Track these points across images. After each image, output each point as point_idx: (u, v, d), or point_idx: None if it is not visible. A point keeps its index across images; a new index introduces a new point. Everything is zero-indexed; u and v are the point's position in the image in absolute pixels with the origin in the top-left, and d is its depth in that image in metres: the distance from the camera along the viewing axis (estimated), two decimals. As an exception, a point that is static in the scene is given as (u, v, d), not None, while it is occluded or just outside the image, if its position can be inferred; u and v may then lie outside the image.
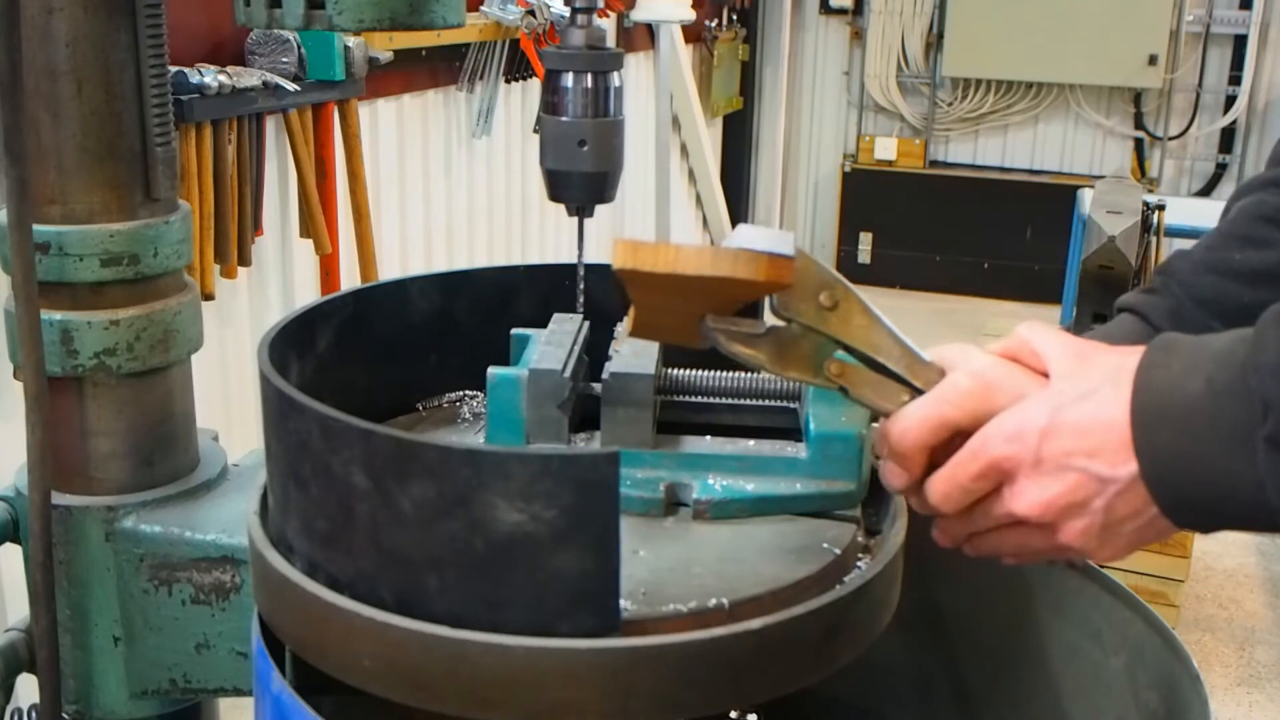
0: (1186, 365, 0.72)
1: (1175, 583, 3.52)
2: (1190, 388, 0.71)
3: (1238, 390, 0.69)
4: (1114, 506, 0.76)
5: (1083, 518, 0.77)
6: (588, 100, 1.03)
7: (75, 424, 1.20)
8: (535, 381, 0.98)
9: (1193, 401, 0.70)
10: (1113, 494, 0.75)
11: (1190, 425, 0.70)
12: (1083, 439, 0.75)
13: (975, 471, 0.81)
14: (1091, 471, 0.75)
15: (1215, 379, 0.70)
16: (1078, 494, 0.76)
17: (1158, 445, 0.72)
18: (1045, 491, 0.77)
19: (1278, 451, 0.67)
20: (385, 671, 0.82)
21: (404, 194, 4.01)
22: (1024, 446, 0.78)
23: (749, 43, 7.42)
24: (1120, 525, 0.77)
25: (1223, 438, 0.69)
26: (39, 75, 1.11)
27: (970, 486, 0.82)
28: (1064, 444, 0.76)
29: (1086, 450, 0.75)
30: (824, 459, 0.98)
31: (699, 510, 0.97)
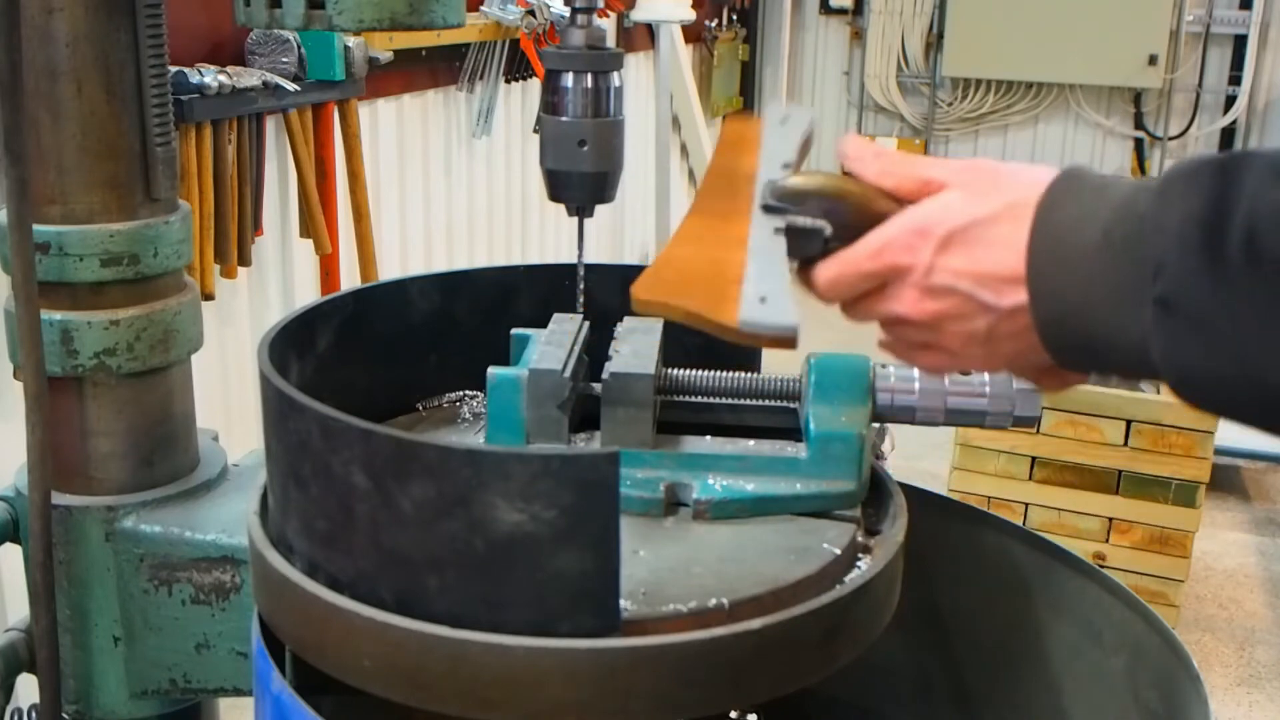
0: (1085, 211, 0.72)
1: (1175, 583, 3.52)
2: (1087, 236, 0.71)
3: (1133, 246, 0.69)
4: (996, 329, 0.78)
5: (963, 330, 0.79)
6: (588, 100, 1.03)
7: (75, 424, 1.20)
8: (535, 381, 0.98)
9: (1088, 251, 0.71)
10: (995, 319, 0.77)
11: (1082, 275, 0.71)
12: (976, 263, 0.77)
13: (868, 270, 0.81)
14: (978, 298, 0.77)
15: (1112, 232, 0.70)
16: (962, 310, 0.78)
17: (1050, 290, 0.73)
18: (931, 303, 0.79)
19: (1165, 313, 0.67)
20: (385, 671, 0.82)
21: (404, 194, 4.00)
22: (919, 255, 0.79)
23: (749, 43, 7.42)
24: (1000, 344, 0.78)
25: (1112, 292, 0.70)
26: (39, 75, 1.11)
27: (858, 284, 0.82)
28: (956, 263, 0.78)
29: (976, 275, 0.77)
30: (824, 459, 0.98)
31: (699, 510, 0.97)
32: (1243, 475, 4.71)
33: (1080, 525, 3.54)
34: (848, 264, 0.82)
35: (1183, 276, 0.66)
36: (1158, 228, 0.68)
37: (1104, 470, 3.48)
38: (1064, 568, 1.15)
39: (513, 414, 0.98)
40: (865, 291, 0.82)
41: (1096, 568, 1.14)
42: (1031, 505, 3.56)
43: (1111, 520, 3.53)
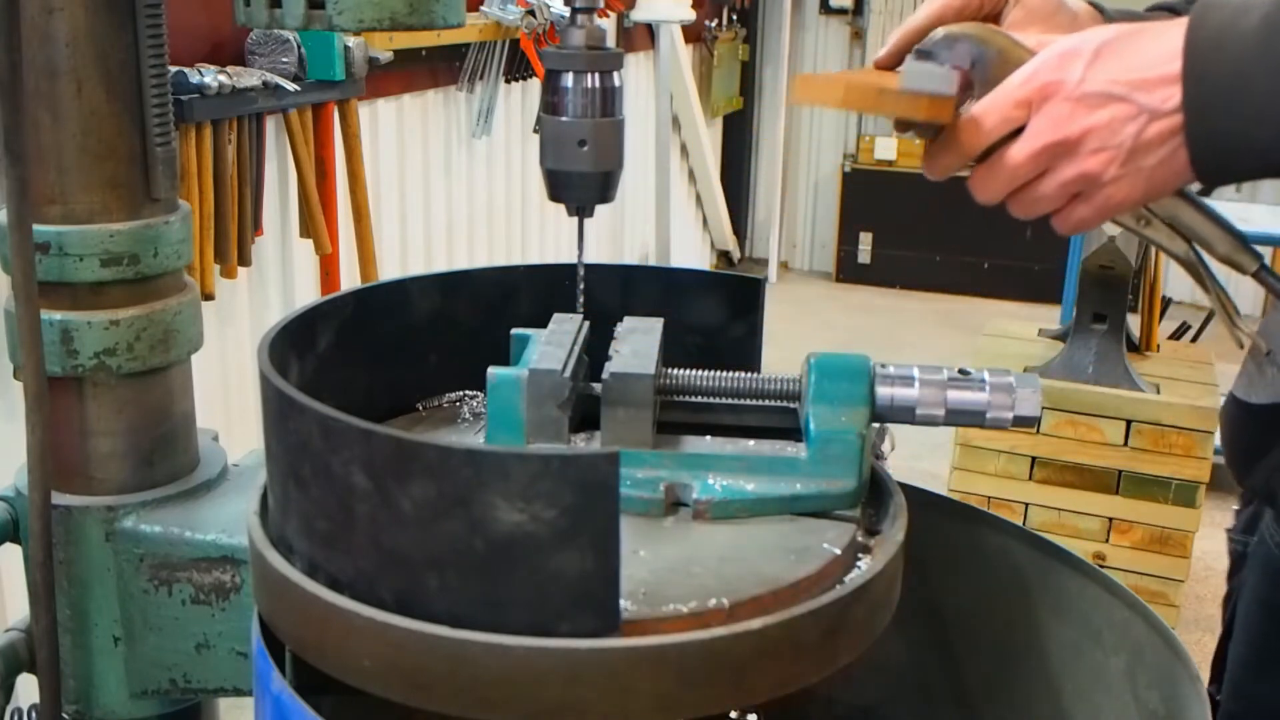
0: (1241, 6, 0.74)
1: (1175, 583, 3.52)
2: (1245, 23, 0.73)
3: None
4: (1143, 136, 0.77)
5: (1110, 145, 0.79)
6: (588, 100, 1.03)
7: (75, 424, 1.20)
8: (535, 381, 0.98)
9: (1247, 34, 0.73)
10: (1144, 123, 0.77)
11: (1242, 56, 0.72)
12: (1129, 69, 0.77)
13: (1019, 96, 0.81)
14: (1132, 99, 0.77)
15: (1271, 14, 0.72)
16: (1114, 118, 0.78)
17: (1207, 75, 0.74)
18: (1084, 115, 0.78)
19: None
20: (385, 671, 0.82)
21: (404, 194, 4.01)
22: (1070, 71, 0.79)
23: (749, 43, 7.42)
24: (1144, 157, 0.78)
25: (1272, 66, 0.71)
26: (39, 75, 1.11)
27: (1011, 114, 0.81)
28: (1111, 70, 0.78)
29: (1130, 80, 0.77)
30: (824, 459, 0.98)
31: (699, 510, 0.97)
32: (1243, 475, 4.71)
33: (1080, 525, 3.54)
34: (999, 93, 0.82)
35: None
36: None
37: (1104, 470, 3.48)
38: (1064, 568, 1.15)
39: (513, 414, 0.98)
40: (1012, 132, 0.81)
41: (1096, 568, 1.14)
42: (1031, 505, 3.56)
43: (1111, 520, 3.53)
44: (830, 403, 0.98)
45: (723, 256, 7.43)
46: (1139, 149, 0.78)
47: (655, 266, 1.27)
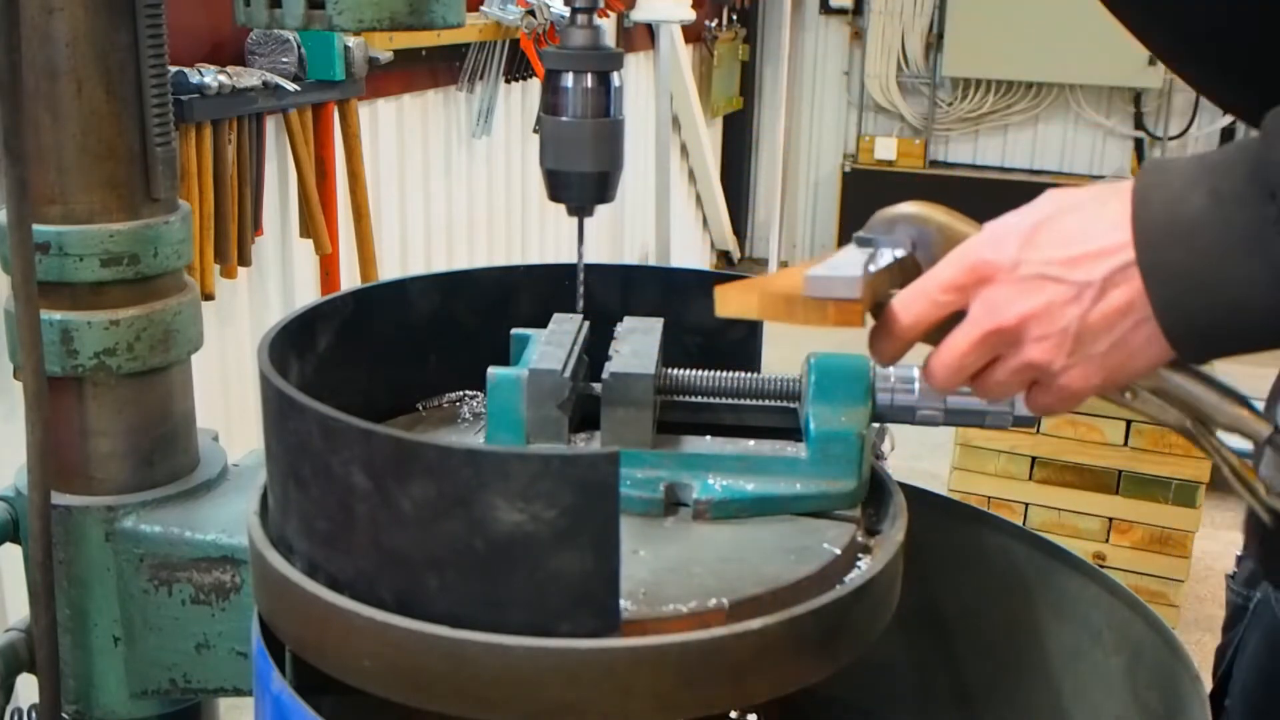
0: (1186, 181, 0.70)
1: (1175, 583, 3.52)
2: (1193, 201, 0.69)
3: (1244, 195, 0.67)
4: (1088, 318, 0.73)
5: (1051, 333, 0.74)
6: (588, 100, 1.03)
7: (75, 424, 1.20)
8: (535, 381, 0.98)
9: (1198, 214, 0.68)
10: (1088, 304, 0.72)
11: (1199, 240, 0.68)
12: (1068, 246, 0.73)
13: (949, 280, 0.76)
14: (1070, 279, 0.72)
15: (1219, 189, 0.68)
16: (1051, 303, 0.73)
17: (1168, 264, 0.69)
18: (1021, 301, 0.74)
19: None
20: (385, 671, 0.82)
21: (404, 194, 4.01)
22: (1004, 252, 0.75)
23: (749, 43, 7.42)
24: (1093, 343, 0.73)
25: (1234, 245, 0.67)
26: (39, 75, 1.11)
27: (940, 298, 0.77)
28: (1046, 251, 0.74)
29: (1068, 259, 0.73)
30: (824, 459, 0.98)
31: (699, 510, 0.97)
32: (1243, 475, 4.71)
33: (1080, 525, 3.54)
34: (926, 278, 0.78)
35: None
36: (1269, 163, 0.67)
37: (1104, 470, 3.48)
38: (1064, 568, 1.15)
39: (513, 414, 0.98)
40: (947, 319, 0.78)
41: (1096, 568, 1.14)
42: (1031, 505, 3.56)
43: (1111, 520, 3.53)
44: (830, 403, 0.98)
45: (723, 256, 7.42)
46: (1085, 334, 0.73)
47: (655, 266, 1.27)
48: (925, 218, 0.82)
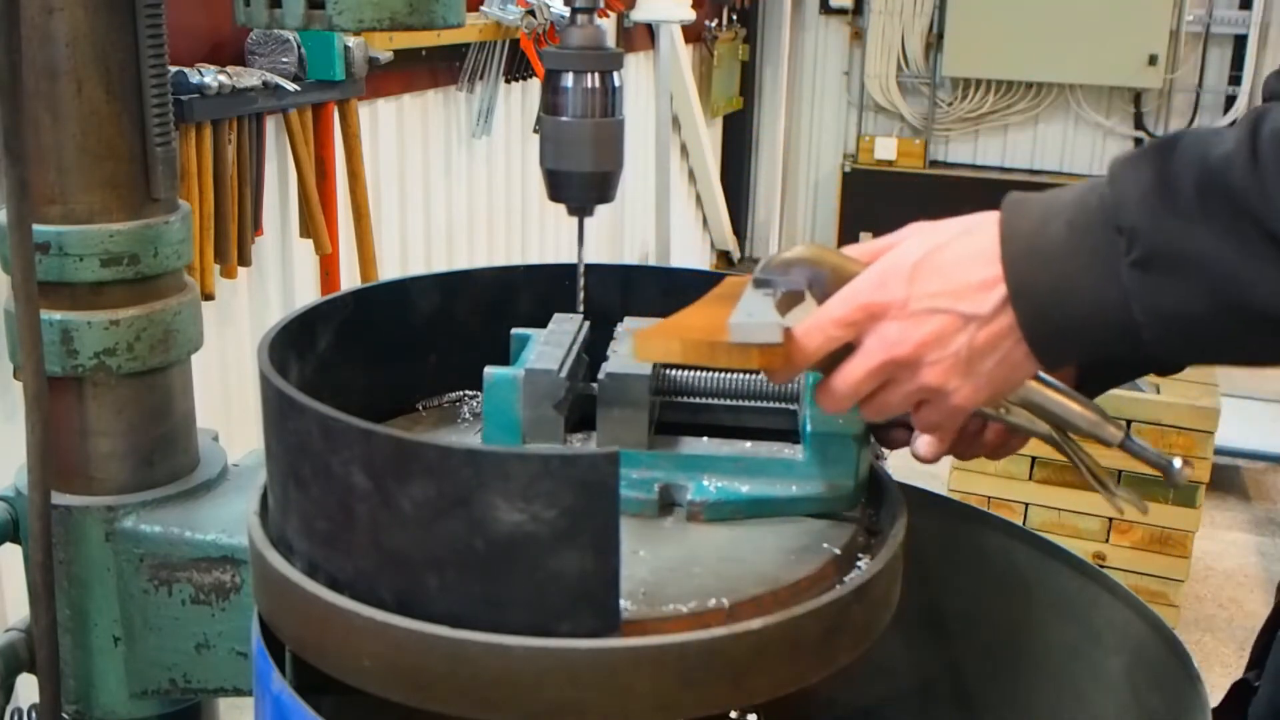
0: (1044, 214, 0.81)
1: (1175, 583, 3.52)
2: (1053, 232, 0.79)
3: (1097, 227, 0.77)
4: (975, 343, 0.82)
5: (944, 358, 0.83)
6: (588, 100, 1.03)
7: (75, 424, 1.20)
8: (531, 381, 0.97)
9: (1057, 242, 0.79)
10: (974, 331, 0.82)
11: (1057, 266, 0.79)
12: (949, 280, 0.82)
13: (840, 316, 0.85)
14: (959, 311, 0.82)
15: (1075, 221, 0.79)
16: (943, 331, 0.82)
17: (1032, 284, 0.80)
18: (915, 331, 0.83)
19: (1143, 271, 0.76)
20: (385, 671, 0.82)
21: (404, 194, 4.00)
22: (892, 291, 0.84)
23: (749, 43, 7.42)
24: (980, 362, 0.83)
25: (1088, 272, 0.78)
26: (39, 75, 1.11)
27: (833, 332, 0.85)
28: (931, 286, 0.83)
29: (952, 291, 0.82)
30: (821, 460, 0.97)
31: (693, 511, 0.96)
32: (1243, 475, 4.71)
33: (1080, 525, 3.54)
34: (821, 313, 0.86)
35: (1154, 235, 0.75)
36: (1119, 203, 0.77)
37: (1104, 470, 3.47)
38: (1064, 568, 1.15)
39: (509, 414, 0.98)
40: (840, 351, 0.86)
41: (1096, 568, 1.14)
42: (1031, 505, 3.56)
43: (1111, 520, 3.53)
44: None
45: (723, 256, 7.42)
46: (974, 356, 0.83)
47: (655, 266, 1.27)
48: (819, 260, 0.89)
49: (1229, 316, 0.75)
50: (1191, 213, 0.74)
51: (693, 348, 0.86)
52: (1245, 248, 0.73)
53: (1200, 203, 0.74)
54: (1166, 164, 0.76)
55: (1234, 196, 0.73)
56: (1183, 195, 0.75)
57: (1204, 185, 0.74)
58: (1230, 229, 0.73)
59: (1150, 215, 0.76)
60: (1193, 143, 0.77)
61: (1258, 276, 0.73)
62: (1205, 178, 0.74)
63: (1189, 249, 0.74)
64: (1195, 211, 0.74)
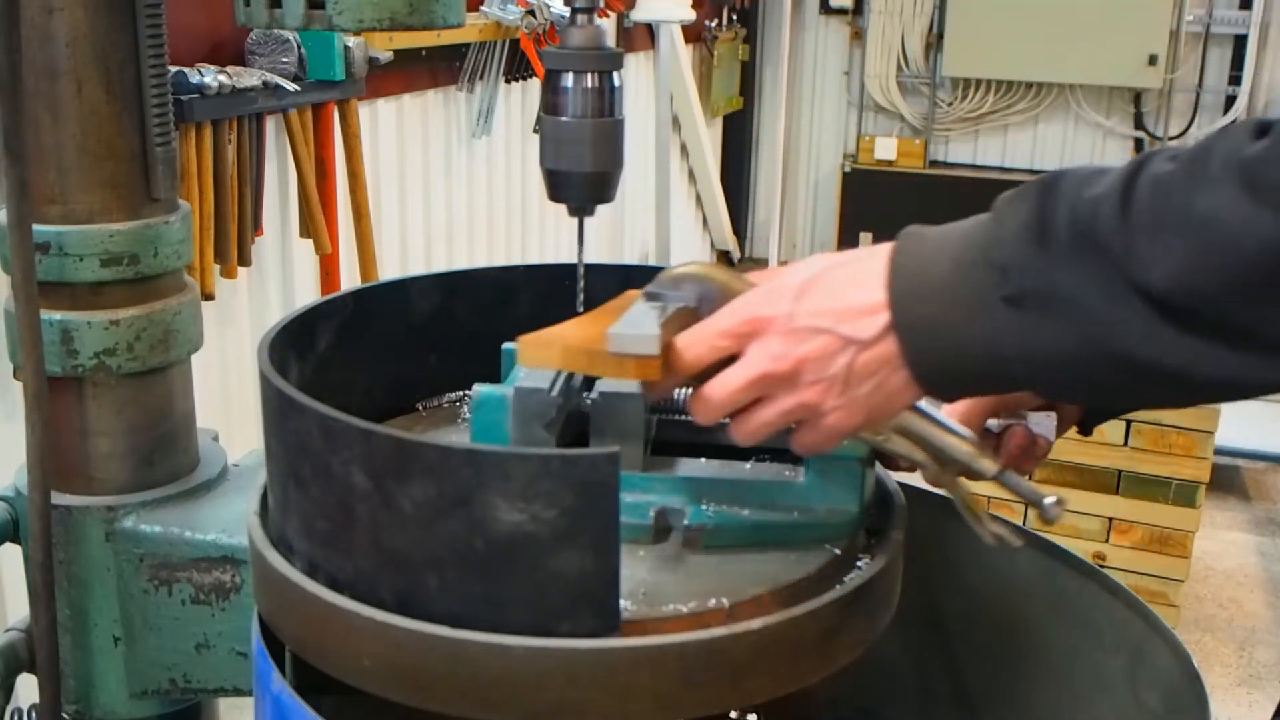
0: (935, 247, 0.82)
1: (1175, 583, 3.52)
2: (938, 266, 0.80)
3: (977, 263, 0.78)
4: (855, 365, 0.82)
5: (823, 376, 0.83)
6: (588, 100, 1.03)
7: (75, 424, 1.20)
8: (521, 400, 0.94)
9: (941, 276, 0.80)
10: (854, 353, 0.82)
11: (939, 296, 0.79)
12: (835, 300, 0.83)
13: (726, 327, 0.85)
14: (839, 332, 0.82)
15: (960, 257, 0.79)
16: (824, 350, 0.82)
17: (915, 317, 0.80)
18: (795, 348, 0.83)
19: (1014, 307, 0.76)
20: (385, 671, 0.82)
21: (404, 194, 4.00)
22: (778, 306, 0.84)
23: (749, 43, 7.42)
24: (858, 386, 0.83)
25: (967, 306, 0.78)
26: (39, 75, 1.11)
27: (717, 343, 0.85)
28: (817, 303, 0.83)
29: (837, 311, 0.82)
30: (824, 484, 0.94)
31: (689, 538, 0.93)
32: (1243, 475, 4.71)
33: (1080, 525, 3.54)
34: (706, 324, 0.86)
35: (1025, 272, 0.76)
36: (997, 240, 0.78)
37: (1104, 470, 3.48)
38: (1064, 568, 1.15)
39: (498, 433, 0.95)
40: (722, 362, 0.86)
41: (1096, 568, 1.14)
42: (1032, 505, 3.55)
43: (1111, 520, 3.53)
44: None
45: (723, 256, 7.42)
46: (852, 379, 0.83)
47: (655, 266, 1.27)
48: (708, 276, 0.90)
49: (1097, 359, 0.75)
50: (1062, 252, 0.75)
51: (572, 355, 0.87)
52: (1110, 291, 0.73)
53: (1071, 242, 0.75)
54: (1045, 201, 0.77)
55: (1100, 240, 0.73)
56: (1056, 234, 0.75)
57: (1075, 225, 0.75)
58: (1096, 272, 0.73)
59: (1023, 252, 0.76)
60: (1073, 182, 0.77)
61: (1120, 321, 0.73)
62: (1077, 218, 0.75)
63: (1057, 288, 0.75)
64: (1065, 251, 0.75)
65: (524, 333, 1.09)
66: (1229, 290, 0.70)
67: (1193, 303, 0.71)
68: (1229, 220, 0.69)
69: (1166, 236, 0.71)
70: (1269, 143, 0.70)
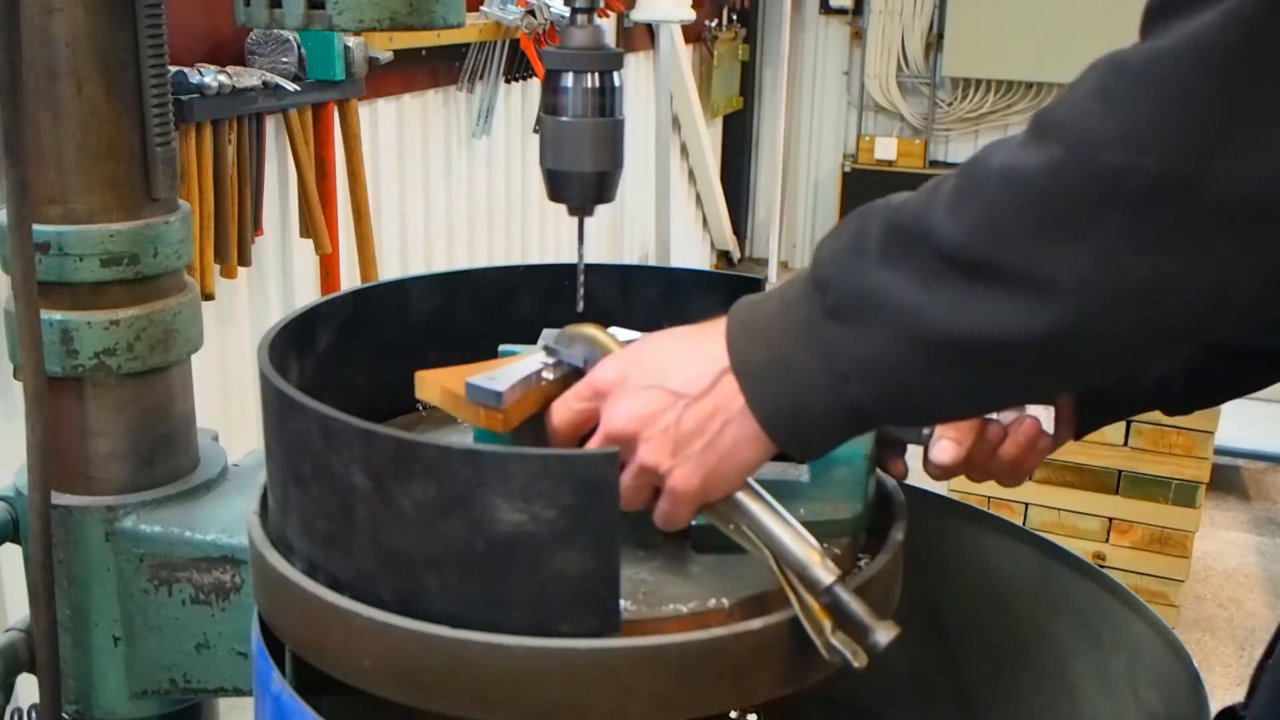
0: (765, 295, 0.82)
1: (1175, 583, 3.52)
2: (767, 306, 0.80)
3: (803, 294, 0.78)
4: (683, 421, 0.81)
5: (656, 433, 0.82)
6: (588, 100, 1.03)
7: (75, 424, 1.20)
8: None
9: (771, 312, 0.80)
10: (682, 408, 0.81)
11: (772, 333, 0.79)
12: (665, 359, 0.83)
13: (579, 392, 0.87)
14: (667, 387, 0.82)
15: (785, 293, 0.80)
16: (654, 406, 0.82)
17: (749, 359, 0.79)
18: (625, 406, 0.83)
19: (837, 321, 0.75)
20: (385, 671, 0.82)
21: (404, 194, 4.00)
22: (620, 369, 0.85)
23: (749, 43, 7.42)
24: (690, 443, 0.81)
25: (797, 332, 0.77)
26: (39, 75, 1.11)
27: (575, 406, 0.86)
28: (652, 362, 0.84)
29: (664, 369, 0.82)
30: (827, 482, 0.94)
31: (694, 538, 0.93)
32: (1243, 475, 4.71)
33: (1080, 525, 3.54)
34: (570, 391, 0.88)
35: (841, 281, 0.75)
36: (816, 262, 0.78)
37: (1104, 470, 3.48)
38: (1064, 568, 1.15)
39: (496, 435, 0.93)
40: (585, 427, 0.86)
41: (1096, 568, 1.14)
42: (1031, 505, 3.56)
43: (1111, 520, 3.53)
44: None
45: (723, 256, 7.42)
46: (681, 436, 0.81)
47: (655, 266, 1.27)
48: (593, 339, 0.91)
49: (916, 350, 0.73)
50: (876, 253, 0.75)
51: (445, 396, 0.91)
52: (918, 274, 0.72)
53: (882, 242, 0.75)
54: (862, 218, 0.77)
55: (907, 230, 0.73)
56: (870, 240, 0.75)
57: (887, 226, 0.75)
58: (907, 262, 0.73)
59: (839, 264, 0.76)
60: (884, 204, 0.77)
61: (930, 304, 0.72)
62: (889, 219, 0.75)
63: (873, 288, 0.74)
64: (878, 252, 0.74)
65: (523, 333, 1.10)
66: (1022, 232, 0.69)
67: (992, 254, 0.70)
68: (1019, 165, 0.70)
69: (966, 200, 0.72)
70: (1057, 95, 0.72)
